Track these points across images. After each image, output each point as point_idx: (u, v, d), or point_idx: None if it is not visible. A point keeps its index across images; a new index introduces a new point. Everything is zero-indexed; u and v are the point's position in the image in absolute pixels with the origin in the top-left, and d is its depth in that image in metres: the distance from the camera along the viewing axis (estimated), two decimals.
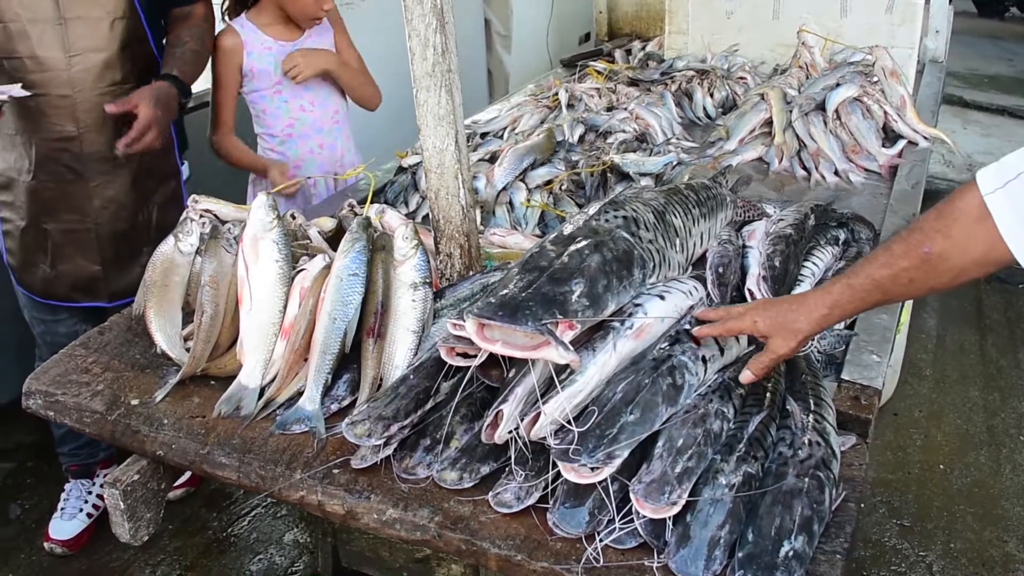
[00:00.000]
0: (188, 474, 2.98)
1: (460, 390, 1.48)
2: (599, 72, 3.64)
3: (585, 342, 1.42)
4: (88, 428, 1.73)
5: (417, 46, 1.64)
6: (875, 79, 3.01)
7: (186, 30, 2.58)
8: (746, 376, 1.44)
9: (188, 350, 1.80)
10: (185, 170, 2.71)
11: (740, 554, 1.26)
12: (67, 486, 2.95)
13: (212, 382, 1.76)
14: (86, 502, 2.93)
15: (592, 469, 1.29)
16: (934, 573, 2.83)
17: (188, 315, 1.87)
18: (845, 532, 1.34)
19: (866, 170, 2.81)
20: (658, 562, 1.28)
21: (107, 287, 2.55)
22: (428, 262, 1.72)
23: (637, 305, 1.49)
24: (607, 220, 1.58)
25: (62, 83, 2.35)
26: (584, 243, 1.47)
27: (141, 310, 1.85)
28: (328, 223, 2.10)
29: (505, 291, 1.37)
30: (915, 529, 3.01)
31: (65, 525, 2.88)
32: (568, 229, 1.55)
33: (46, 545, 2.88)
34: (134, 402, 1.72)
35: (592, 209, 1.69)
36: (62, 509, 2.90)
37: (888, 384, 3.56)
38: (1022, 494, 3.14)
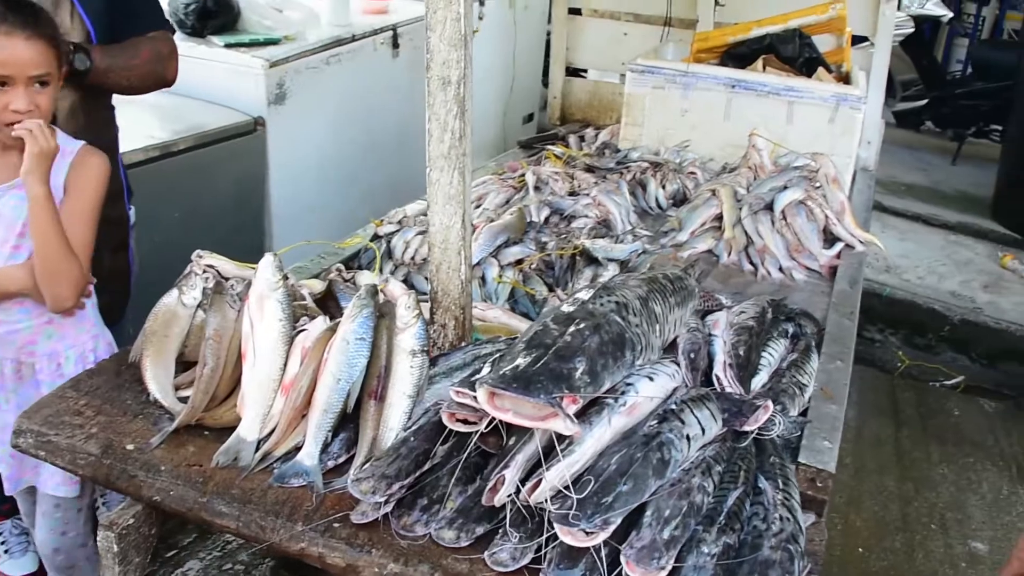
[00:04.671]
0: None
1: (462, 454, 1.58)
2: (557, 156, 3.82)
3: (581, 416, 1.55)
4: (82, 470, 1.77)
5: (436, 129, 1.77)
6: (818, 184, 3.24)
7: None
8: None
9: (180, 399, 1.86)
10: (132, 216, 2.73)
11: None
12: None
13: (206, 432, 1.82)
14: (27, 536, 2.90)
15: (588, 533, 1.41)
16: None
17: (180, 365, 1.95)
18: None
19: (808, 268, 3.02)
20: None
21: None
22: (427, 331, 1.83)
23: (629, 384, 1.62)
24: (602, 304, 1.71)
25: None
26: (583, 324, 1.60)
27: (138, 357, 1.92)
28: (318, 285, 2.20)
29: (515, 364, 1.49)
30: None
31: (21, 561, 2.84)
32: (567, 309, 1.68)
33: None
34: (129, 447, 1.77)
35: (583, 294, 1.81)
36: (5, 551, 2.86)
37: None
38: None
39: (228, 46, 3.82)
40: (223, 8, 3.90)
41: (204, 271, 1.99)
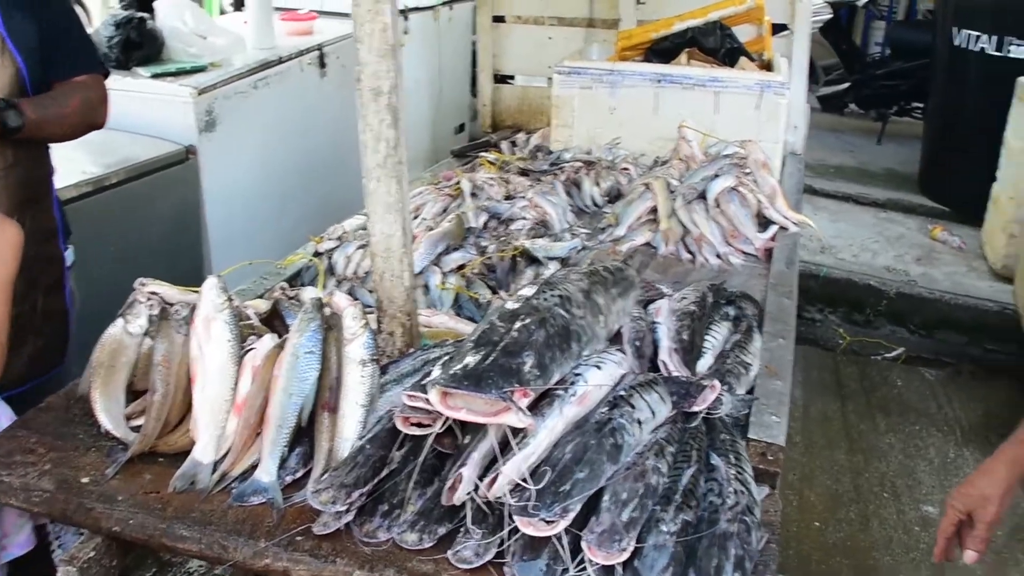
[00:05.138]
0: None
1: (418, 458, 1.60)
2: (491, 163, 3.85)
3: (533, 408, 1.58)
4: (37, 508, 1.75)
5: (370, 139, 1.79)
6: (748, 170, 3.32)
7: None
8: (972, 557, 1.66)
9: (132, 429, 1.86)
10: (69, 256, 2.67)
11: None
12: None
13: (160, 459, 1.81)
14: None
15: (548, 523, 1.44)
16: None
17: (131, 395, 1.94)
18: (771, 569, 1.52)
19: (744, 253, 3.08)
20: None
21: None
22: (375, 340, 1.84)
23: (577, 374, 1.66)
24: (545, 299, 1.74)
25: None
26: (529, 320, 1.64)
27: (87, 390, 1.90)
28: (263, 305, 2.20)
29: (465, 363, 1.51)
30: None
31: None
32: (512, 306, 1.71)
33: None
34: (84, 480, 1.76)
35: (527, 291, 1.85)
36: None
37: None
38: (889, 545, 3.45)
39: (155, 76, 3.80)
40: (147, 39, 3.88)
41: (148, 298, 1.98)
